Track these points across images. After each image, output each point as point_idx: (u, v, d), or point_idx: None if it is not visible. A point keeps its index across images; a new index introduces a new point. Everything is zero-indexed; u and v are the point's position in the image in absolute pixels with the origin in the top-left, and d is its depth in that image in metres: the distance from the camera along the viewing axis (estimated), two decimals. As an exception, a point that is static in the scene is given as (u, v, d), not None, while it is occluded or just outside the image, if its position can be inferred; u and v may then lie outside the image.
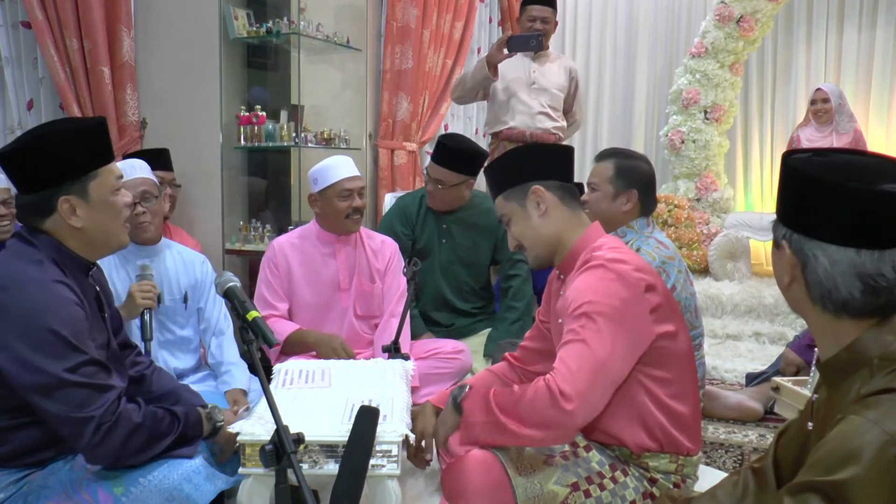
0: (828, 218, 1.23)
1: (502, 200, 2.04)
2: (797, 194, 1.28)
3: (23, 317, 1.65)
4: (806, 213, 1.26)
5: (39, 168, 1.76)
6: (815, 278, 1.26)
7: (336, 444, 1.78)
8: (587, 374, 1.72)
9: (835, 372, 1.31)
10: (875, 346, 1.25)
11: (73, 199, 1.77)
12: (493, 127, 4.37)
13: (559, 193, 1.99)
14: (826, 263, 1.24)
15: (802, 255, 1.27)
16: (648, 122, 6.83)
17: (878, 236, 1.22)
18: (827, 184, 1.22)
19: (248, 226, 4.09)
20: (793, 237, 1.28)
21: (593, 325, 1.75)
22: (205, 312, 2.77)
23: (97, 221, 1.81)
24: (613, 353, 1.75)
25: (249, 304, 1.76)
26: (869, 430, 1.14)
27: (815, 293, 1.27)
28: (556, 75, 4.36)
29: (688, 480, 1.93)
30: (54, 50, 3.73)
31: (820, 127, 5.49)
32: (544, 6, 4.23)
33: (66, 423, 1.68)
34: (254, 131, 4.03)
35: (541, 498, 1.80)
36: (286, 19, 4.05)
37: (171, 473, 1.73)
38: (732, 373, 4.02)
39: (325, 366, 2.35)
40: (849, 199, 1.21)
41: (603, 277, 1.81)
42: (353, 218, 2.96)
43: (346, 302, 3.01)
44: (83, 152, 1.79)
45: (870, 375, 1.24)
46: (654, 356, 1.84)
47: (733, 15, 5.69)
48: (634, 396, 1.86)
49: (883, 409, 1.16)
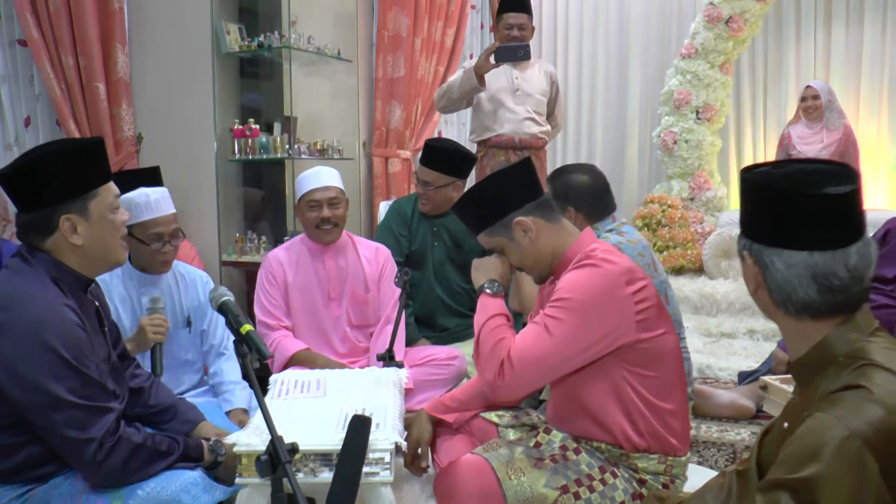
0: (779, 224, 1.29)
1: (486, 237, 2.07)
2: (751, 206, 1.35)
3: (24, 336, 1.68)
4: (760, 222, 1.33)
5: (40, 188, 1.78)
6: (776, 283, 1.32)
7: (330, 453, 1.82)
8: (533, 358, 1.83)
9: (804, 371, 1.36)
10: (841, 345, 1.30)
11: (74, 218, 1.80)
12: (480, 135, 4.38)
13: (539, 213, 2.02)
14: (782, 268, 1.30)
15: (762, 262, 1.33)
16: (642, 123, 6.86)
17: (828, 238, 1.27)
18: (774, 191, 1.29)
19: (244, 237, 4.13)
20: (752, 247, 1.34)
21: (560, 314, 1.84)
22: (207, 333, 2.76)
23: (97, 239, 1.84)
24: (567, 346, 1.83)
25: (243, 317, 1.79)
26: (832, 427, 1.18)
27: (778, 297, 1.33)
28: (537, 80, 4.40)
29: (677, 481, 1.95)
30: (50, 67, 3.78)
31: (810, 124, 5.53)
32: (520, 13, 4.26)
33: (67, 444, 1.71)
34: (248, 143, 4.07)
35: (531, 500, 1.84)
36: (277, 33, 4.09)
37: (169, 485, 1.76)
38: (727, 371, 4.05)
39: (319, 376, 2.38)
40: (796, 204, 1.27)
41: (587, 273, 1.88)
42: (324, 228, 2.97)
43: (336, 311, 3.04)
44: (83, 171, 1.82)
45: (836, 373, 1.29)
46: (639, 355, 1.88)
47: (722, 16, 5.73)
48: (621, 390, 1.90)
49: (845, 406, 1.21)
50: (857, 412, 1.19)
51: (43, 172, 1.78)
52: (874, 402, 1.20)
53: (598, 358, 1.87)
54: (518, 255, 2.04)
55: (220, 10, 4.08)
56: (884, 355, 1.27)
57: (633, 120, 6.88)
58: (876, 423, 1.18)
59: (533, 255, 2.03)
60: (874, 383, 1.22)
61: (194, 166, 3.99)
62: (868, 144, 5.96)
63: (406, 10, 5.04)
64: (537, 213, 2.02)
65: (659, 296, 1.97)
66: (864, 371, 1.25)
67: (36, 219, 1.81)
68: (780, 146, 5.72)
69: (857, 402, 1.21)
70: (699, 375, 4.00)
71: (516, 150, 4.31)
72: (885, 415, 1.19)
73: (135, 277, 2.63)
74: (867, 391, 1.21)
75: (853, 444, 1.17)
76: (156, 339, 2.43)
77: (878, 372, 1.24)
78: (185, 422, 2.12)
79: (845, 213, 1.28)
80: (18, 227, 1.86)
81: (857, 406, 1.20)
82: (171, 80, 4.09)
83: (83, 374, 1.73)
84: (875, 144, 6.05)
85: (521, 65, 4.35)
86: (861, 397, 1.21)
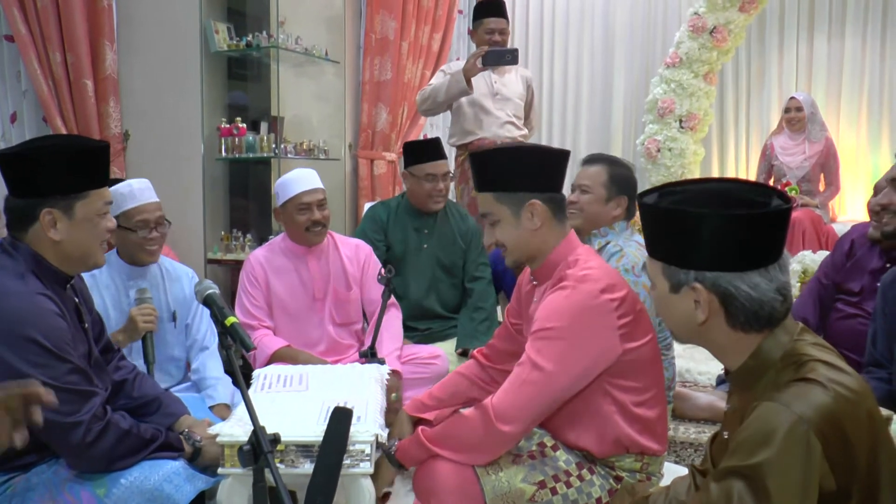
0: (742, 249, 1.33)
1: (492, 200, 2.00)
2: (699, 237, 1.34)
3: (5, 327, 1.69)
4: (714, 251, 1.34)
5: (33, 176, 1.80)
6: (739, 305, 1.35)
7: (311, 444, 1.84)
8: (527, 398, 1.81)
9: (745, 378, 1.41)
10: (776, 348, 1.37)
11: (56, 213, 1.82)
12: (461, 139, 4.41)
13: (552, 207, 1.98)
14: (747, 289, 1.34)
15: (720, 289, 1.35)
16: (626, 130, 6.92)
17: (776, 251, 1.34)
18: (730, 219, 1.32)
19: (229, 235, 4.15)
20: (704, 276, 1.35)
21: (546, 348, 1.83)
22: (191, 328, 2.77)
23: (76, 239, 1.85)
24: (559, 376, 1.82)
25: (228, 310, 1.82)
26: (780, 412, 1.25)
27: (739, 319, 1.36)
28: (515, 84, 4.45)
29: (653, 478, 1.98)
30: (37, 63, 3.78)
31: (793, 135, 5.60)
32: (500, 18, 4.31)
33: (54, 428, 1.71)
34: (235, 143, 4.09)
35: (508, 495, 1.86)
36: (266, 33, 4.12)
37: (152, 474, 1.78)
38: (706, 375, 4.08)
39: (302, 370, 2.40)
40: (753, 226, 1.32)
41: (568, 299, 1.86)
42: (314, 230, 2.98)
43: (321, 311, 3.05)
44: (79, 172, 1.84)
45: (776, 375, 1.35)
46: (621, 367, 1.89)
47: (706, 26, 5.79)
48: (600, 407, 1.91)
49: (791, 393, 1.27)
50: (803, 398, 1.25)
51: (41, 162, 1.80)
52: (820, 390, 1.26)
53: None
54: (509, 232, 1.99)
55: (208, 9, 4.10)
56: (816, 351, 1.34)
57: (617, 127, 6.93)
58: (821, 408, 1.24)
59: (524, 240, 1.99)
60: (818, 374, 1.29)
61: (181, 164, 4.00)
62: (848, 154, 6.05)
63: (393, 14, 5.08)
64: (551, 206, 1.99)
65: (641, 302, 1.98)
66: (806, 365, 1.32)
67: (20, 205, 1.82)
68: (763, 156, 5.80)
69: (804, 389, 1.27)
70: (678, 379, 4.04)
71: None
72: (829, 400, 1.25)
73: (122, 270, 2.64)
74: (813, 381, 1.27)
75: (801, 427, 1.22)
76: (146, 328, 2.45)
77: (819, 365, 1.31)
78: (168, 415, 2.13)
79: (784, 226, 1.36)
80: (5, 210, 1.87)
81: (804, 393, 1.26)
82: (159, 78, 4.10)
83: (66, 360, 1.75)
84: (854, 154, 6.15)
85: (500, 69, 4.39)
86: (806, 386, 1.27)
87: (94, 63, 3.93)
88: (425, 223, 3.56)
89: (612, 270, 2.00)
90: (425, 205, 3.51)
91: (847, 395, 1.26)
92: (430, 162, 3.47)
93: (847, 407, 1.26)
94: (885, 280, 2.49)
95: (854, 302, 2.84)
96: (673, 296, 1.40)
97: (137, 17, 4.10)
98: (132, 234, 2.58)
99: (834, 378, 1.28)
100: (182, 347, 2.77)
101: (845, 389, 1.27)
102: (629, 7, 6.78)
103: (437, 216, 3.58)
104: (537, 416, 1.85)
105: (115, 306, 2.60)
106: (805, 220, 5.01)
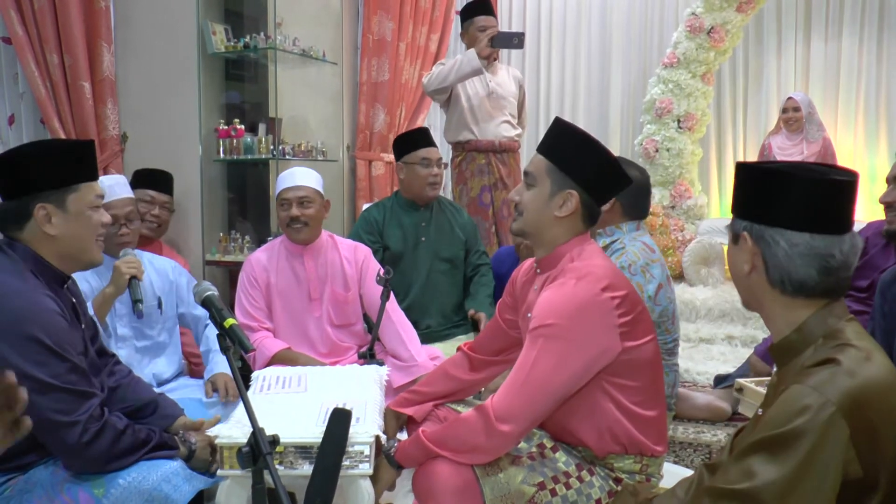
0: (785, 206, 1.36)
1: (543, 164, 1.97)
2: (753, 189, 1.41)
3: (7, 325, 1.70)
4: (764, 204, 1.39)
5: (21, 175, 1.83)
6: (776, 261, 1.38)
7: (310, 446, 1.84)
8: (528, 396, 1.80)
9: (785, 352, 1.43)
10: (820, 328, 1.38)
11: (50, 208, 1.84)
12: (456, 136, 4.45)
13: (584, 212, 1.97)
14: (786, 246, 1.37)
15: (763, 242, 1.39)
16: (623, 131, 6.92)
17: (828, 222, 1.36)
18: (784, 174, 1.36)
19: (227, 237, 4.14)
20: (753, 227, 1.41)
21: (545, 346, 1.81)
22: (191, 311, 2.87)
23: (71, 232, 1.87)
24: (559, 374, 1.81)
25: (227, 311, 1.82)
26: (807, 395, 1.26)
27: (775, 276, 1.40)
28: (508, 84, 4.49)
29: (652, 479, 1.98)
30: (35, 65, 3.77)
31: (791, 135, 5.62)
32: (489, 16, 4.36)
33: (51, 428, 1.72)
34: (232, 144, 4.08)
35: (508, 497, 1.85)
36: (263, 34, 4.11)
37: (150, 474, 1.78)
38: (704, 375, 4.10)
39: (301, 372, 2.40)
40: (804, 187, 1.35)
41: (568, 295, 1.84)
42: (293, 227, 3.00)
43: (317, 311, 3.06)
44: (66, 165, 1.87)
45: (813, 352, 1.37)
46: (621, 366, 1.88)
47: (704, 26, 5.80)
48: (600, 404, 1.90)
49: (819, 377, 1.28)
50: (830, 382, 1.27)
51: (28, 162, 1.84)
52: (844, 373, 1.27)
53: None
54: (536, 207, 1.96)
55: (205, 10, 4.10)
56: (856, 337, 1.36)
57: (614, 127, 6.93)
58: (847, 391, 1.25)
59: (543, 219, 1.97)
60: (847, 357, 1.30)
61: (179, 166, 3.98)
62: (845, 155, 6.06)
63: (391, 15, 5.08)
64: (584, 209, 1.96)
65: (643, 302, 1.97)
66: (840, 348, 1.33)
67: (13, 206, 1.84)
68: (761, 156, 5.81)
69: (830, 373, 1.28)
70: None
71: (496, 153, 4.38)
72: (854, 384, 1.26)
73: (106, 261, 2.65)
74: (839, 364, 1.29)
75: (828, 409, 1.23)
76: (130, 273, 2.48)
77: (850, 349, 1.32)
78: (164, 416, 2.14)
79: (845, 202, 1.38)
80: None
81: (830, 376, 1.28)
82: (156, 80, 4.09)
83: (66, 359, 1.75)
84: (852, 154, 6.15)
85: (493, 69, 4.42)
86: (834, 370, 1.29)
87: (92, 65, 3.92)
88: (422, 216, 3.59)
89: (616, 269, 1.98)
90: (422, 192, 3.54)
91: (878, 382, 1.28)
92: (424, 148, 3.54)
93: (877, 395, 1.27)
94: (884, 279, 2.49)
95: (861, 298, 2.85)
96: (733, 247, 1.47)
97: (134, 19, 4.10)
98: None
99: (864, 365, 1.29)
100: (169, 335, 2.83)
101: (877, 377, 1.28)
102: (626, 7, 6.78)
103: (433, 209, 3.62)
104: (537, 416, 1.84)
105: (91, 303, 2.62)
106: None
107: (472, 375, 2.27)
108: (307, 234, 3.03)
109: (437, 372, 2.34)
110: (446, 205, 3.75)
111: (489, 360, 2.26)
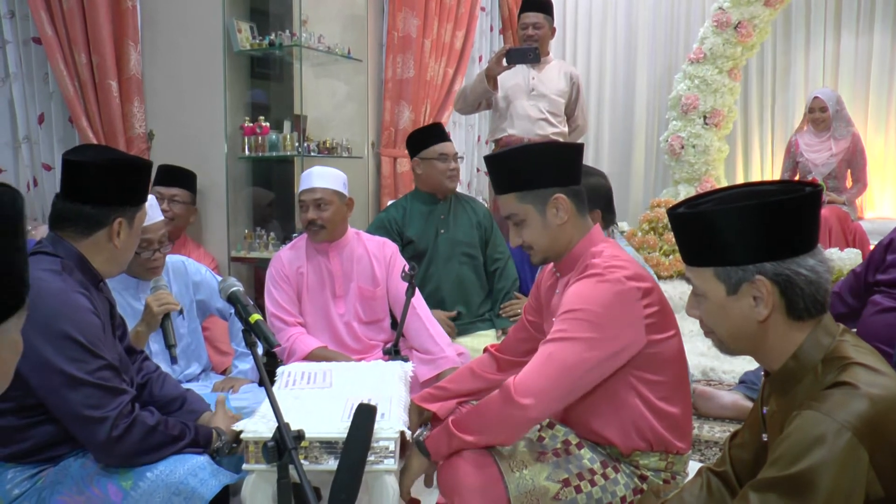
0: (794, 233, 1.33)
1: (515, 201, 1.98)
2: (760, 227, 1.34)
3: (43, 323, 1.73)
4: (773, 239, 1.34)
5: (110, 185, 1.89)
6: (799, 293, 1.34)
7: (335, 441, 1.84)
8: (551, 374, 1.79)
9: (784, 381, 1.39)
10: (816, 350, 1.35)
11: (124, 222, 1.92)
12: (493, 135, 4.49)
13: (575, 201, 1.98)
14: (806, 272, 1.33)
15: (782, 277, 1.34)
16: (649, 127, 6.88)
17: (817, 235, 1.35)
18: (779, 203, 1.32)
19: (252, 234, 4.16)
20: (765, 267, 1.34)
21: (572, 329, 1.81)
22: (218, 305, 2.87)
23: (128, 247, 1.97)
24: (585, 360, 1.80)
25: (252, 307, 1.84)
26: (822, 422, 1.22)
27: (800, 307, 1.35)
28: (555, 81, 4.45)
29: (678, 477, 1.97)
30: (63, 65, 3.81)
31: (818, 133, 5.53)
32: (538, 13, 4.34)
33: (82, 423, 1.75)
34: (258, 141, 4.10)
35: (532, 493, 1.86)
36: (288, 32, 4.13)
37: (177, 468, 1.80)
38: (731, 374, 4.05)
39: (326, 367, 2.41)
40: (798, 210, 1.32)
41: (596, 285, 1.85)
42: (311, 230, 3.00)
43: (342, 308, 3.06)
44: (140, 185, 1.97)
45: (815, 378, 1.33)
46: (646, 360, 1.88)
47: (731, 21, 5.74)
48: (625, 400, 1.90)
49: (831, 402, 1.25)
50: (844, 406, 1.23)
51: (116, 172, 1.90)
52: (859, 396, 1.24)
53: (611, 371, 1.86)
54: (537, 231, 1.98)
55: (231, 8, 4.12)
56: (857, 353, 1.32)
57: (640, 124, 6.90)
58: (864, 415, 1.22)
59: (553, 236, 1.98)
60: (857, 379, 1.26)
61: (204, 163, 4.01)
62: (876, 153, 5.97)
63: (416, 12, 5.07)
64: (574, 200, 1.98)
65: (665, 297, 1.97)
66: (846, 369, 1.30)
67: (91, 212, 1.88)
68: (788, 153, 5.72)
69: (844, 396, 1.25)
70: (703, 378, 4.01)
71: None
72: (870, 406, 1.23)
73: (127, 282, 2.66)
74: (851, 386, 1.25)
75: (844, 436, 1.20)
76: (162, 311, 2.44)
77: (858, 368, 1.29)
78: (191, 412, 2.16)
79: (818, 212, 1.37)
80: (61, 213, 1.91)
81: (844, 400, 1.24)
82: (182, 78, 4.12)
83: (98, 356, 1.79)
84: (883, 153, 6.06)
85: (540, 64, 4.42)
86: (847, 392, 1.25)
87: (119, 64, 3.96)
88: (441, 209, 3.62)
89: (638, 263, 1.98)
90: (441, 185, 3.57)
91: (890, 398, 1.24)
92: (439, 143, 3.56)
93: (891, 411, 1.24)
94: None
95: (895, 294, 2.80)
96: (730, 299, 1.39)
97: (161, 18, 4.13)
98: (135, 256, 2.59)
99: (876, 382, 1.26)
100: (192, 337, 2.83)
101: (888, 393, 1.25)
102: (652, 2, 6.75)
103: (451, 202, 3.64)
104: (557, 397, 1.81)
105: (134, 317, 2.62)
106: (831, 217, 4.94)
107: (499, 375, 2.26)
108: (323, 236, 3.03)
109: (463, 370, 2.34)
110: (463, 199, 3.79)
111: (516, 361, 2.24)
